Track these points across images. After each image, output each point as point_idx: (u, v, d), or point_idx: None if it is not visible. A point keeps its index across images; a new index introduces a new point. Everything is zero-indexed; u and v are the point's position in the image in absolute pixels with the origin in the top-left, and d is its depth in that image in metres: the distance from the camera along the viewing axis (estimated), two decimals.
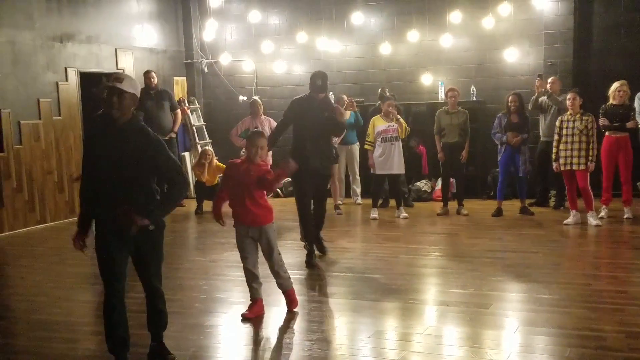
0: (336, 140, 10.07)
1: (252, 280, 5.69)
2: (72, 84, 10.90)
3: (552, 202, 10.64)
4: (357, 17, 12.29)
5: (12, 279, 7.63)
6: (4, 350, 5.13)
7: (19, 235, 9.76)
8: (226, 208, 5.65)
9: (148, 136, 4.36)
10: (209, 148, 11.59)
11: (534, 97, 10.40)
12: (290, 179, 7.91)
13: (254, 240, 5.64)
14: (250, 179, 5.43)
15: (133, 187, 4.28)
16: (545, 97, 10.25)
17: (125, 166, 4.23)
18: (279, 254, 5.73)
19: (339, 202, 10.83)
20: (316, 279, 6.79)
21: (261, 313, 5.66)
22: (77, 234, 4.42)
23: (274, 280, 5.83)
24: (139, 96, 4.40)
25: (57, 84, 10.63)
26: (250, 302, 5.70)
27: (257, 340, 5.21)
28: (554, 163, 9.24)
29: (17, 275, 7.57)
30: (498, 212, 9.98)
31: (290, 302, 5.82)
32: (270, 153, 10.76)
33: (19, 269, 7.86)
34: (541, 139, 10.50)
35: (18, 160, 10.04)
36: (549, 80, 10.43)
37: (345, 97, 11.23)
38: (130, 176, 4.26)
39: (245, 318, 5.56)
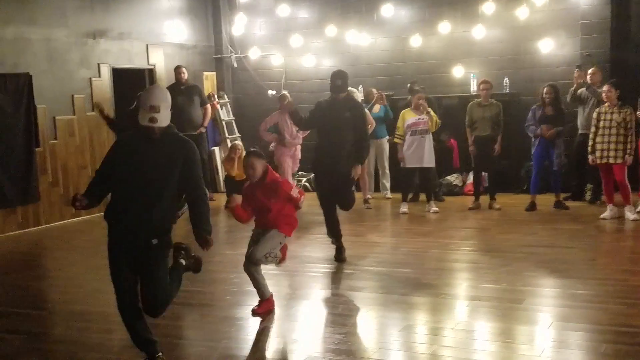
0: None
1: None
2: (105, 80, 10.99)
3: (587, 196, 10.45)
4: (387, 9, 12.19)
5: (50, 270, 7.76)
6: (43, 340, 5.22)
7: (55, 228, 9.92)
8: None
9: (185, 144, 4.33)
10: (239, 142, 11.60)
11: (573, 88, 10.22)
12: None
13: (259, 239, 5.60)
14: (263, 202, 5.49)
15: (158, 199, 4.21)
16: (584, 89, 10.06)
17: (157, 177, 4.19)
18: (265, 259, 5.55)
19: (368, 196, 10.77)
20: (346, 273, 6.74)
21: (271, 308, 5.56)
22: (78, 195, 4.24)
23: (303, 273, 5.81)
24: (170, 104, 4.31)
25: (90, 80, 10.73)
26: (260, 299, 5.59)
27: (286, 333, 5.19)
28: (589, 156, 9.08)
29: (54, 267, 7.67)
30: (532, 207, 9.83)
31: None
32: (298, 147, 10.75)
33: (55, 261, 7.98)
34: (579, 132, 10.29)
35: (53, 155, 10.19)
36: (589, 71, 10.21)
37: (374, 91, 11.18)
38: (160, 187, 4.21)
39: (255, 313, 5.44)
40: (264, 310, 5.48)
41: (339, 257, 7.22)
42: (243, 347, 4.90)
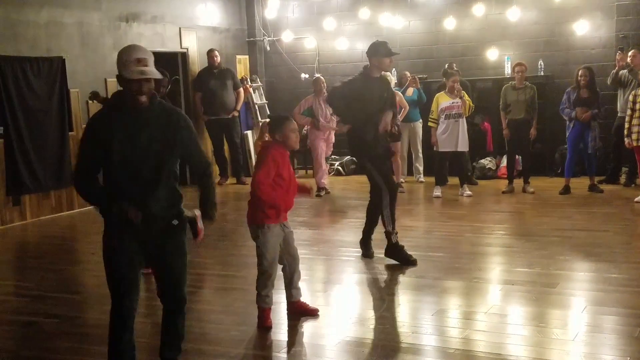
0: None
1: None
2: None
3: (622, 179, 10.32)
4: None
5: (84, 254, 7.87)
6: (77, 324, 5.30)
7: (89, 213, 10.02)
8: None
9: (178, 113, 3.89)
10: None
11: (614, 71, 10.08)
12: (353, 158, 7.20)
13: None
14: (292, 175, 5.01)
15: (162, 176, 3.78)
16: (625, 71, 9.90)
17: (151, 154, 3.72)
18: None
19: (401, 180, 10.74)
20: (379, 258, 6.75)
21: (266, 324, 4.93)
22: (127, 208, 3.69)
23: (337, 258, 5.79)
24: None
25: None
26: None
27: (320, 317, 5.22)
28: (626, 139, 8.95)
29: (88, 251, 7.79)
30: (566, 190, 9.72)
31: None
32: (332, 131, 10.70)
33: (89, 245, 8.10)
34: (619, 114, 10.13)
35: None
36: (630, 53, 10.02)
37: (407, 74, 11.12)
38: (161, 161, 3.76)
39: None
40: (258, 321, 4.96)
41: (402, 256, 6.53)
42: (276, 332, 4.93)
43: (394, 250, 6.48)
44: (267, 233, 4.83)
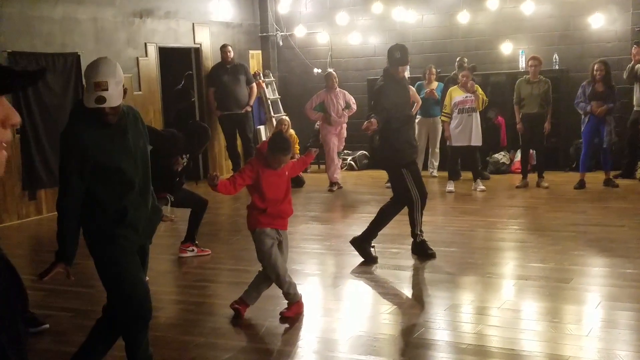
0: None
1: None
2: (152, 59, 11.11)
3: (638, 173, 10.24)
4: None
5: None
6: (91, 317, 5.28)
7: None
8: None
9: (140, 116, 3.84)
10: (286, 118, 11.57)
11: (630, 65, 10.00)
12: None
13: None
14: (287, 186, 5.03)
15: (148, 190, 3.76)
16: None
17: (142, 162, 3.69)
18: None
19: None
20: (392, 252, 6.74)
21: (300, 311, 5.04)
22: (60, 262, 3.61)
23: (349, 252, 5.79)
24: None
25: (137, 59, 10.86)
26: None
27: (331, 311, 5.23)
28: None
29: None
30: (581, 185, 9.66)
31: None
32: (344, 126, 10.68)
33: None
34: (634, 108, 10.07)
35: None
36: None
37: (432, 69, 10.98)
38: (147, 174, 3.73)
39: (283, 317, 5.00)
40: (294, 313, 5.00)
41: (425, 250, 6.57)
42: (287, 326, 4.95)
43: (420, 247, 6.50)
44: (261, 236, 4.87)
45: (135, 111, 3.83)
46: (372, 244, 6.50)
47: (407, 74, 10.87)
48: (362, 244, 6.45)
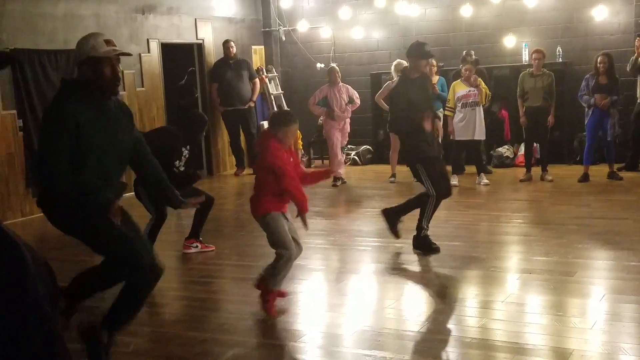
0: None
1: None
2: (154, 55, 11.11)
3: None
4: None
5: None
6: (94, 313, 5.33)
7: None
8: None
9: (127, 109, 4.01)
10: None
11: (633, 57, 9.97)
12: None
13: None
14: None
15: (125, 164, 3.99)
16: None
17: (128, 138, 3.88)
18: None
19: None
20: (395, 247, 6.74)
21: (271, 302, 4.95)
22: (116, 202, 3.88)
23: (353, 247, 5.78)
24: None
25: (139, 55, 10.86)
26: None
27: (336, 306, 5.23)
28: None
29: None
30: (585, 178, 9.65)
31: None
32: (347, 121, 10.66)
33: None
34: (638, 101, 10.05)
35: None
36: None
37: (433, 61, 10.90)
38: (129, 149, 3.94)
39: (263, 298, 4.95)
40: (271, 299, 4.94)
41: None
42: (292, 321, 4.96)
43: (422, 242, 6.47)
44: (275, 217, 4.80)
45: (129, 109, 4.01)
46: (401, 219, 6.62)
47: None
48: (393, 215, 6.63)
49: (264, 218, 4.83)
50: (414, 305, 5.21)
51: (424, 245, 6.45)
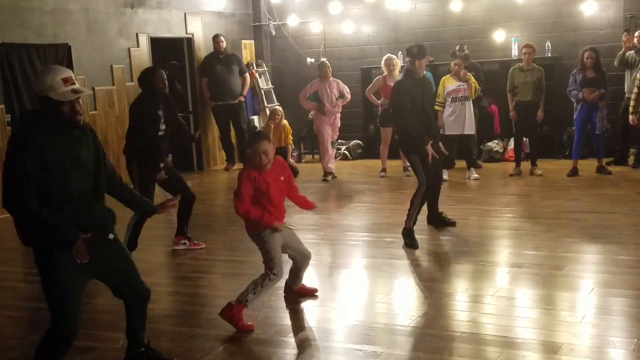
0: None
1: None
2: (144, 49, 11.07)
3: (631, 160, 10.27)
4: None
5: None
6: (86, 310, 5.28)
7: None
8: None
9: (90, 129, 3.83)
10: (279, 108, 11.52)
11: (621, 52, 10.00)
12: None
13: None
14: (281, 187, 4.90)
15: (101, 196, 3.84)
16: (632, 52, 9.83)
17: (99, 171, 3.76)
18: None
19: (408, 164, 10.70)
20: (386, 242, 6.76)
21: (238, 319, 4.70)
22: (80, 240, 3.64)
23: (344, 242, 5.77)
24: None
25: (129, 50, 10.81)
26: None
27: (326, 301, 5.24)
28: (630, 116, 8.90)
29: None
30: (574, 172, 9.69)
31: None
32: (338, 116, 10.66)
33: None
34: (626, 95, 10.07)
35: (94, 126, 10.20)
36: (636, 34, 9.97)
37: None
38: (102, 181, 3.81)
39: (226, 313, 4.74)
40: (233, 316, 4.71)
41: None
42: (283, 316, 4.97)
43: (408, 234, 6.55)
44: (271, 235, 4.78)
45: (92, 129, 3.88)
46: (441, 211, 7.19)
47: (400, 62, 10.88)
48: (436, 217, 7.16)
49: (257, 237, 4.82)
50: (404, 299, 5.22)
51: (410, 240, 6.51)
